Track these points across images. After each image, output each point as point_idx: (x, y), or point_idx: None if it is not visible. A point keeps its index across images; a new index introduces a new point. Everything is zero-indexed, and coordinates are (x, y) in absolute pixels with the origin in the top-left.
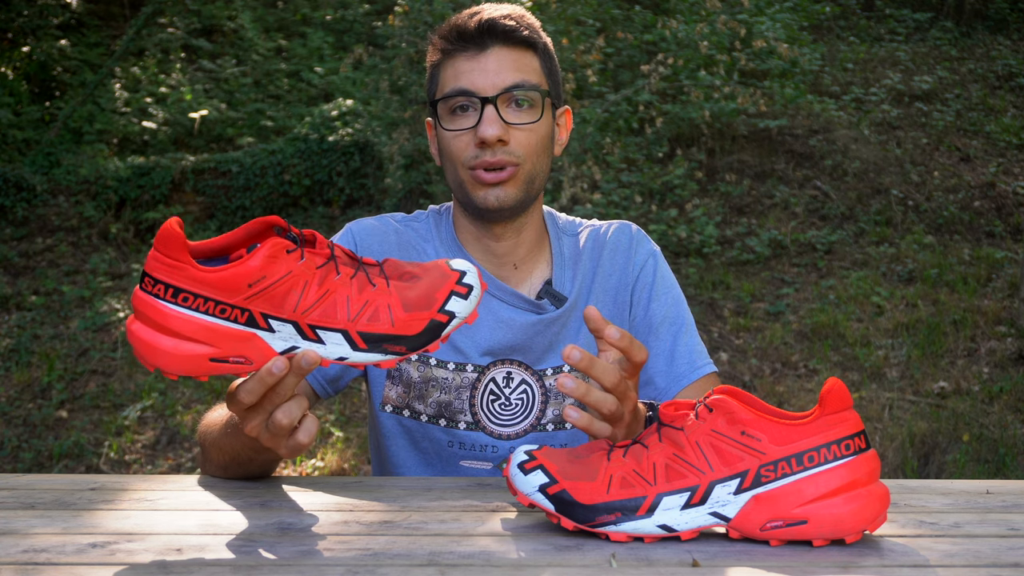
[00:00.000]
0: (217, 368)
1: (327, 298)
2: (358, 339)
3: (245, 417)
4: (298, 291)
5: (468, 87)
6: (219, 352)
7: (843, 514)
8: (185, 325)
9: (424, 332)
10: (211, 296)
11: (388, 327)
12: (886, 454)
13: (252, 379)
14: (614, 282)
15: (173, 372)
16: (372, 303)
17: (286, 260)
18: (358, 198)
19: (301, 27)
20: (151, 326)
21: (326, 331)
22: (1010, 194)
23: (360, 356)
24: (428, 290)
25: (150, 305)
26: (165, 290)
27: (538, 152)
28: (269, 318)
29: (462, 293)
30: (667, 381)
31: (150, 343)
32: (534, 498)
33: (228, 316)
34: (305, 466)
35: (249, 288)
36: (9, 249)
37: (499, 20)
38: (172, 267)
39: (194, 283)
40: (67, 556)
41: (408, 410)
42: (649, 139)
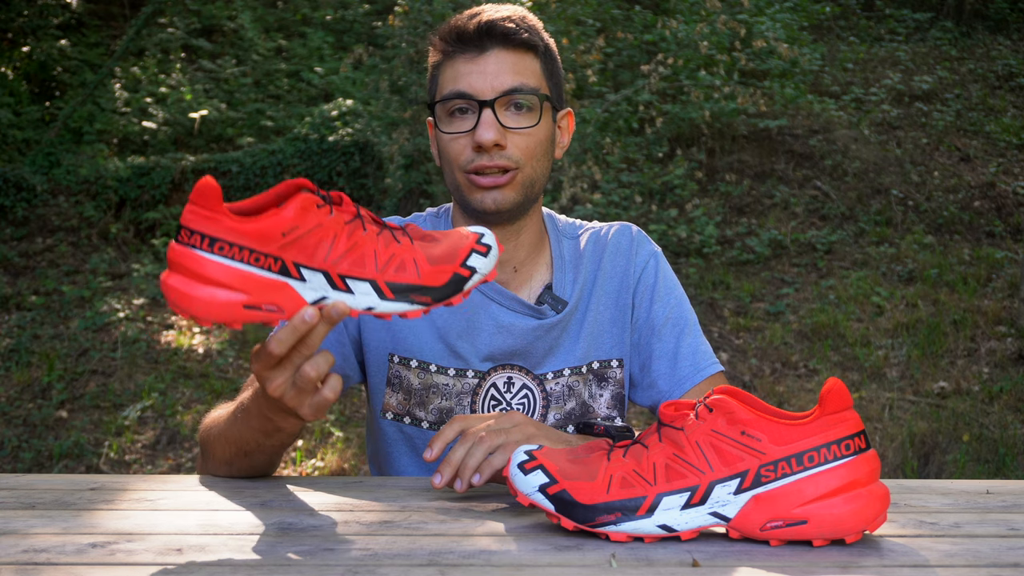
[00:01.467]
0: (250, 315)
1: (355, 250)
2: (386, 289)
3: (271, 376)
4: (328, 242)
5: (466, 90)
6: (253, 300)
7: (843, 514)
8: (221, 272)
9: (448, 284)
10: (246, 245)
11: (415, 278)
12: (886, 454)
13: (284, 328)
14: (615, 284)
15: (208, 319)
16: (398, 256)
17: (316, 213)
18: (358, 198)
19: (301, 27)
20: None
21: (355, 281)
22: (1010, 194)
23: (388, 305)
24: (451, 247)
25: (186, 255)
26: (202, 240)
27: (537, 156)
28: (301, 267)
29: (482, 251)
30: (670, 384)
31: (185, 292)
32: (534, 498)
33: (262, 264)
34: (305, 466)
35: (283, 237)
36: (9, 249)
37: (499, 22)
38: (209, 218)
39: (230, 232)
40: (67, 556)
41: (409, 417)
42: (649, 139)
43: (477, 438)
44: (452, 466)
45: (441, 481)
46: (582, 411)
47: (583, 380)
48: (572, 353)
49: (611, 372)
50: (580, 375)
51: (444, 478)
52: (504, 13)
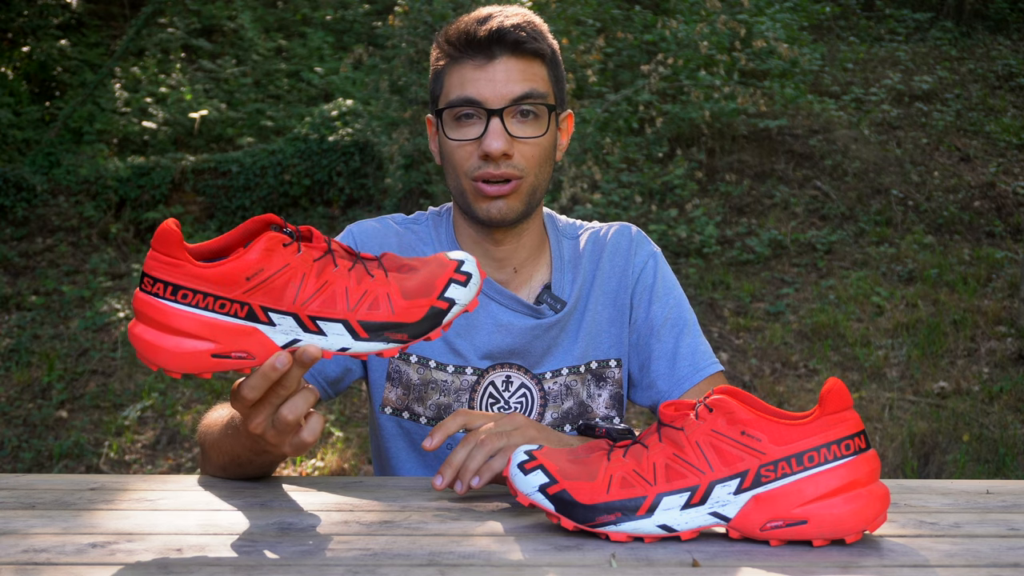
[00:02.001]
0: (220, 364)
1: (326, 289)
2: (359, 328)
3: (249, 415)
4: (296, 283)
5: (475, 97)
6: (221, 348)
7: (843, 514)
8: (186, 322)
9: (425, 319)
10: (210, 291)
11: (388, 315)
12: (886, 454)
13: (255, 375)
14: (614, 285)
15: (176, 370)
16: (371, 292)
17: (283, 253)
18: (358, 198)
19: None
20: (152, 326)
21: (326, 322)
22: (1010, 194)
23: (362, 346)
24: (427, 279)
25: (150, 304)
26: (164, 288)
27: (541, 164)
28: (269, 311)
29: (461, 281)
30: (669, 384)
31: (152, 343)
32: (534, 498)
33: (228, 311)
34: (305, 466)
35: (247, 281)
36: (9, 249)
37: (509, 29)
38: (170, 265)
39: (192, 279)
40: (67, 556)
41: (407, 412)
42: (649, 139)
43: (478, 440)
44: (453, 468)
45: (442, 483)
46: (580, 411)
47: (581, 380)
48: (570, 353)
49: (609, 372)
50: (578, 375)
51: (445, 480)
52: (514, 20)
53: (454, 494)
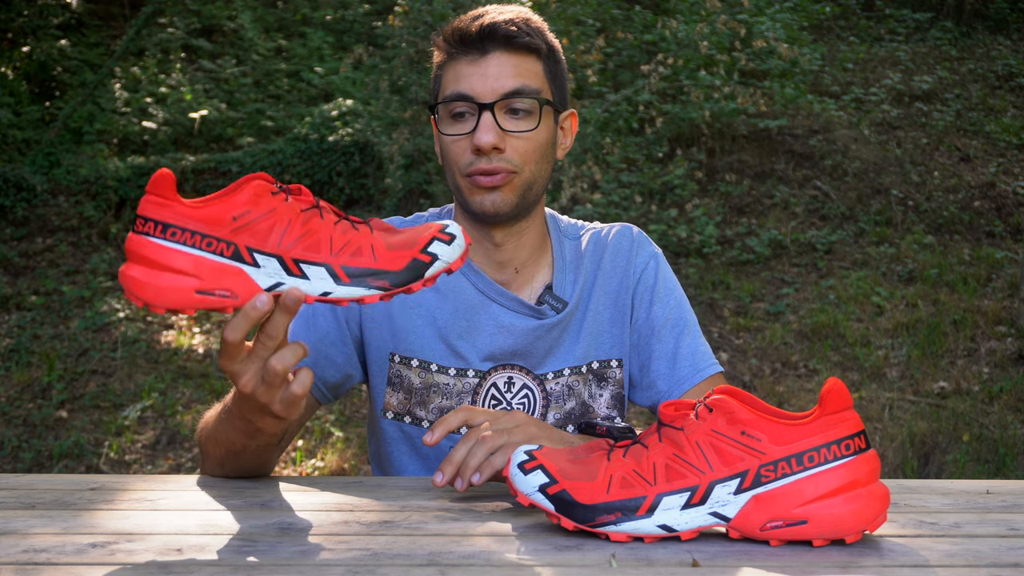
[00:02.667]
0: (203, 301)
1: (310, 236)
2: (341, 273)
3: (238, 371)
4: (281, 227)
5: (467, 92)
6: (205, 284)
7: (843, 514)
8: (173, 258)
9: (407, 268)
10: (197, 230)
11: (371, 262)
12: (886, 454)
13: (237, 315)
14: (615, 285)
15: (160, 305)
16: (355, 242)
17: (270, 199)
18: (358, 198)
19: (301, 27)
20: (142, 263)
21: (310, 265)
22: (1010, 194)
23: (344, 290)
24: (412, 235)
25: (140, 243)
26: (155, 227)
27: (536, 159)
28: (254, 252)
29: (444, 240)
30: (669, 384)
31: (138, 279)
32: (534, 498)
33: (214, 249)
34: (305, 466)
35: (234, 221)
36: (9, 249)
37: (501, 25)
38: (161, 204)
39: (182, 218)
40: (67, 556)
41: (409, 416)
42: (649, 139)
43: (479, 437)
44: (454, 465)
45: (443, 480)
46: (582, 411)
47: (583, 380)
48: (572, 353)
49: (611, 372)
50: (580, 375)
51: (446, 477)
52: (507, 16)
53: (454, 493)
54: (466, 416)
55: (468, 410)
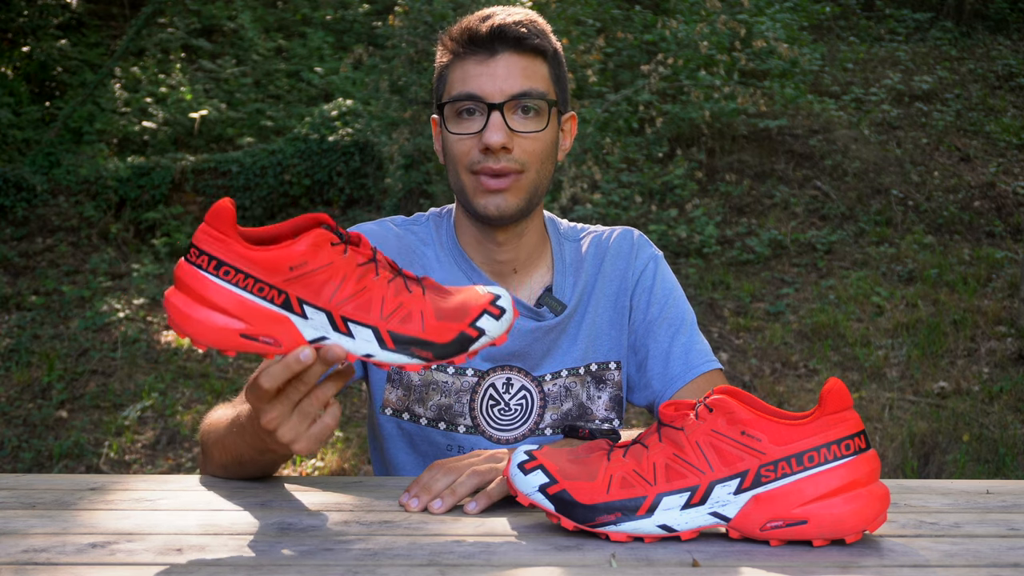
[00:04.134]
0: (246, 345)
1: (363, 294)
2: (387, 338)
3: (265, 409)
4: (336, 282)
5: (476, 92)
6: (250, 329)
7: (843, 514)
8: (223, 297)
9: (453, 343)
10: (252, 273)
11: (419, 331)
12: (886, 454)
13: (278, 364)
14: (614, 288)
15: (203, 342)
16: (406, 306)
17: (329, 251)
18: (358, 198)
19: (301, 27)
20: (189, 295)
21: (358, 326)
22: (1010, 194)
23: (387, 356)
24: (463, 304)
25: (192, 274)
26: (209, 261)
27: (542, 160)
28: (304, 304)
29: (495, 314)
30: (663, 383)
31: (184, 311)
32: (534, 498)
33: (265, 295)
34: (305, 466)
35: (290, 271)
36: (9, 249)
37: (511, 26)
38: (219, 240)
39: (238, 258)
40: (67, 556)
41: (408, 413)
42: (649, 139)
43: (472, 470)
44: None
45: (417, 506)
46: (579, 412)
47: (581, 382)
48: (570, 355)
49: (609, 374)
50: (578, 376)
51: (445, 504)
52: (516, 17)
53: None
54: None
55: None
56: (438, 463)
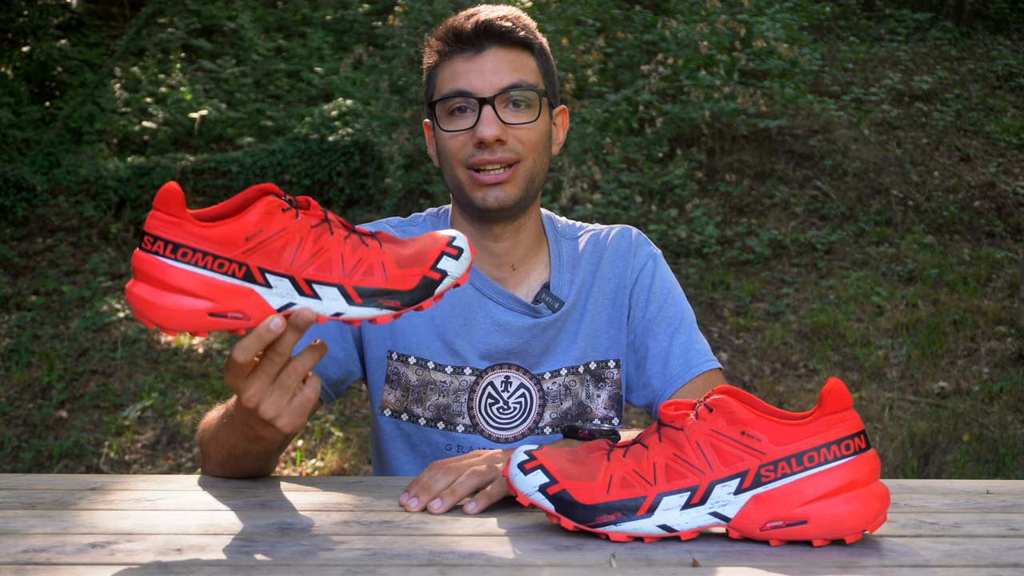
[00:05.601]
0: (215, 323)
1: (322, 254)
2: (353, 293)
3: (243, 387)
4: (293, 247)
5: (466, 88)
6: (217, 307)
7: (843, 514)
8: (184, 279)
9: (417, 288)
10: (209, 251)
11: (382, 282)
12: (886, 454)
13: (249, 336)
14: (613, 286)
15: (172, 328)
16: (366, 260)
17: (281, 217)
18: (358, 198)
19: (301, 27)
20: (151, 283)
21: (322, 286)
22: (1010, 194)
23: (356, 311)
24: (420, 250)
25: (150, 262)
26: (164, 246)
27: (537, 150)
28: (266, 273)
29: (453, 254)
30: (662, 382)
31: (150, 300)
32: (534, 498)
33: (226, 270)
34: (305, 466)
35: (246, 242)
36: (9, 249)
37: (495, 21)
38: (171, 223)
39: (193, 238)
40: (67, 556)
41: (406, 413)
42: (649, 139)
43: (472, 470)
44: (431, 494)
45: (417, 506)
46: (579, 411)
47: (580, 380)
48: (569, 353)
49: (608, 373)
50: (577, 375)
51: (445, 504)
52: (500, 13)
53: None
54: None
55: (442, 465)
56: (438, 463)
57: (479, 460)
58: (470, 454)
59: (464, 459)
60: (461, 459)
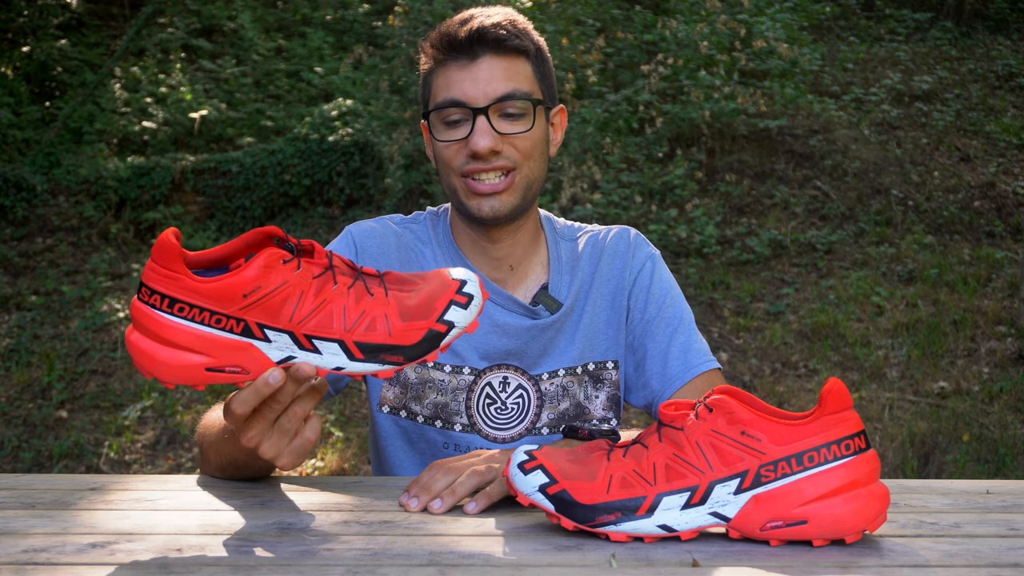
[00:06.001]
0: (213, 378)
1: (323, 308)
2: (355, 349)
3: (243, 428)
4: (294, 301)
5: (460, 97)
6: (215, 362)
7: (843, 514)
8: (181, 335)
9: (422, 342)
10: (206, 306)
11: (385, 337)
12: (886, 454)
13: (247, 389)
14: (612, 287)
15: (170, 381)
16: (369, 313)
17: (282, 270)
18: (358, 198)
19: (301, 27)
20: (149, 336)
21: (322, 341)
22: (1010, 194)
23: (357, 366)
24: (427, 299)
25: (147, 315)
26: (161, 300)
27: (534, 156)
28: (265, 328)
29: (462, 303)
30: (662, 383)
31: (147, 352)
32: (534, 498)
33: (224, 326)
34: (305, 466)
35: (244, 298)
36: (9, 249)
37: (489, 29)
38: (168, 277)
39: (189, 293)
40: (67, 556)
41: (405, 411)
42: (649, 139)
43: (472, 470)
44: (431, 494)
45: (417, 506)
46: (576, 411)
47: (578, 381)
48: (567, 354)
49: (606, 374)
50: (575, 376)
51: (445, 504)
52: (494, 19)
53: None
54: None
55: (442, 465)
56: (438, 463)
57: (479, 460)
58: (470, 454)
59: (464, 459)
60: (461, 459)
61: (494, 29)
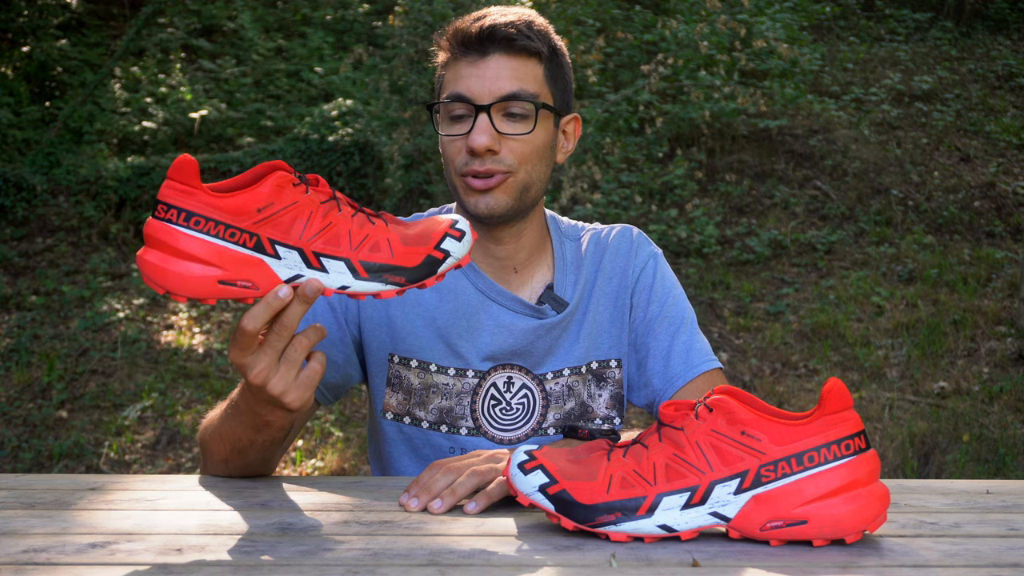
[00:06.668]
0: (225, 291)
1: (330, 229)
2: (360, 268)
3: (250, 363)
4: (303, 220)
5: (464, 93)
6: (227, 275)
7: (843, 514)
8: (196, 247)
9: (422, 265)
10: (221, 220)
11: (389, 257)
12: (886, 454)
13: (257, 304)
14: (614, 286)
15: (182, 294)
16: (373, 236)
17: (292, 191)
18: (358, 198)
19: (301, 27)
20: (163, 250)
21: (330, 259)
22: (1010, 194)
23: (361, 285)
24: (424, 230)
25: (162, 229)
26: (178, 214)
27: (532, 161)
28: (276, 244)
29: (455, 236)
30: (663, 382)
31: (160, 266)
32: (534, 498)
33: (238, 240)
34: (305, 466)
35: (258, 213)
36: (9, 249)
37: (501, 27)
38: (185, 192)
39: (206, 207)
40: (67, 556)
41: (409, 417)
42: (649, 139)
43: (472, 470)
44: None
45: (417, 505)
46: (581, 411)
47: (582, 380)
48: (571, 353)
49: (610, 372)
50: (579, 375)
51: (445, 504)
52: (508, 18)
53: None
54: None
55: (442, 465)
56: (438, 463)
57: (479, 460)
58: (470, 454)
59: (464, 459)
60: (461, 459)
61: (506, 28)
